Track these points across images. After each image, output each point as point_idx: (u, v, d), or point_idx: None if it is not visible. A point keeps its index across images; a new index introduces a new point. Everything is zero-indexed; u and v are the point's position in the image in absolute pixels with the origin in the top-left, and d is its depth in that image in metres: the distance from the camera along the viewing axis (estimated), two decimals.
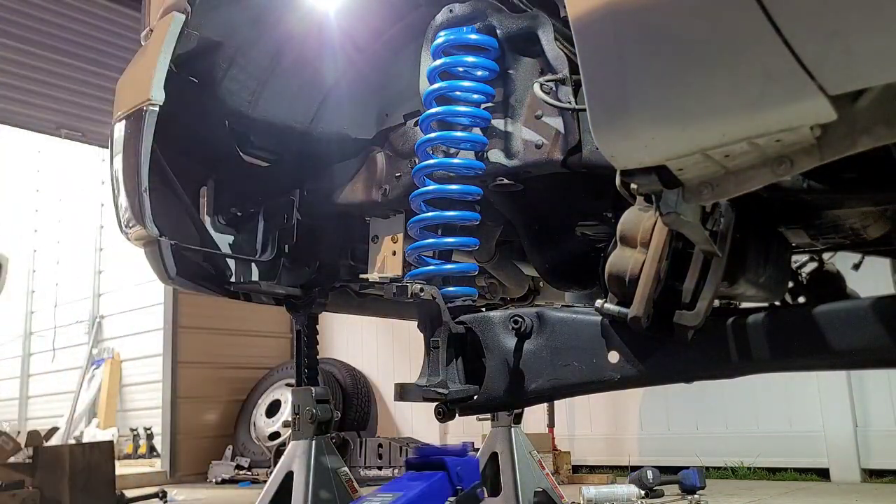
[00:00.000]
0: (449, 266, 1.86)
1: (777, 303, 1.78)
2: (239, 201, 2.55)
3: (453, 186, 1.87)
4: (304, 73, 2.30)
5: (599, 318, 1.57)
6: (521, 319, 1.67)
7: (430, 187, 1.88)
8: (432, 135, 1.87)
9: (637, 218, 1.46)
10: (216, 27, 2.13)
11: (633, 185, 1.41)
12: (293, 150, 2.46)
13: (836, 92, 0.87)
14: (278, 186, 2.49)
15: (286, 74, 2.28)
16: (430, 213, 1.87)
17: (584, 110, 1.69)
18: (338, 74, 2.32)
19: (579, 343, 1.60)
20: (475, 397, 1.71)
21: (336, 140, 2.36)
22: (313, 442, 2.59)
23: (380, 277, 2.26)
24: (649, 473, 4.37)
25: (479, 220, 1.91)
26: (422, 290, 1.67)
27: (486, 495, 1.62)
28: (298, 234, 2.49)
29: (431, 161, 1.89)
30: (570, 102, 1.73)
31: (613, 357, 1.54)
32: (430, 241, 1.87)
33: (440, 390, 1.64)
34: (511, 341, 1.69)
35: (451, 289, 1.83)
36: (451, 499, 1.61)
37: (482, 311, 1.78)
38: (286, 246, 2.51)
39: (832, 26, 0.84)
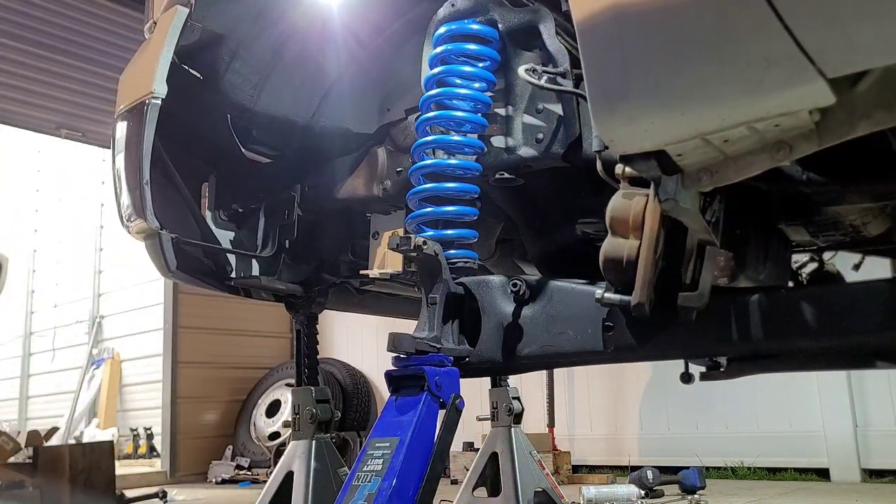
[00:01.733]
0: (451, 231, 1.87)
1: None
2: (240, 197, 2.55)
3: (453, 161, 1.88)
4: (307, 68, 2.31)
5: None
6: (520, 284, 1.68)
7: (431, 161, 1.90)
8: (431, 114, 1.88)
9: (624, 204, 1.46)
10: (219, 20, 2.13)
11: (617, 170, 1.42)
12: (294, 144, 2.47)
13: (835, 75, 0.88)
14: (279, 182, 2.49)
15: (288, 68, 2.29)
16: (428, 185, 1.89)
17: (564, 90, 1.72)
18: (340, 69, 2.32)
19: (576, 312, 1.62)
20: (468, 358, 1.72)
21: (337, 135, 2.36)
22: (313, 442, 2.59)
23: (380, 273, 2.27)
24: (649, 473, 4.37)
25: (479, 192, 1.91)
26: (425, 243, 1.68)
27: (464, 405, 1.63)
28: (299, 230, 2.49)
29: (428, 161, 1.90)
30: (559, 86, 1.73)
31: (609, 330, 1.55)
32: (431, 209, 1.88)
33: (433, 344, 1.65)
34: (509, 306, 1.70)
35: (452, 251, 1.83)
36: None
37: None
38: (287, 242, 2.51)
39: (832, 10, 0.85)
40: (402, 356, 1.65)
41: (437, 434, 1.58)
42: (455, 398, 1.61)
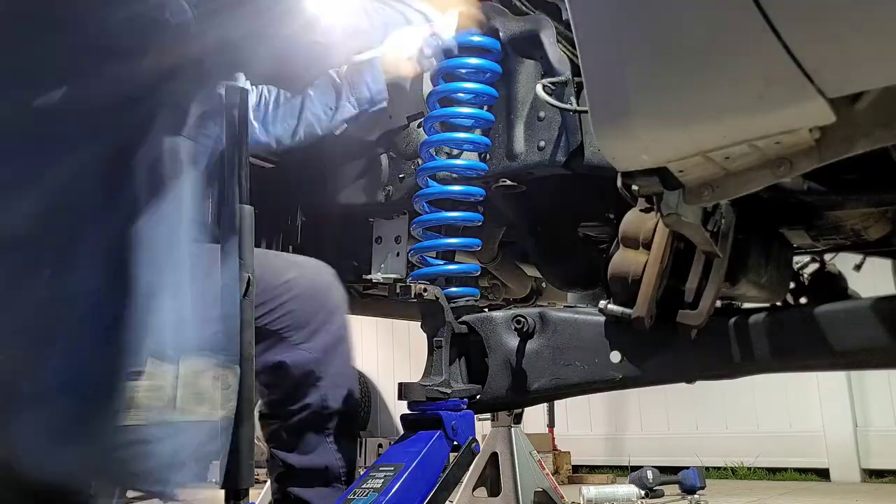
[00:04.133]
0: (452, 267, 1.88)
1: (779, 303, 1.80)
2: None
3: (456, 188, 1.89)
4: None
5: (602, 318, 1.60)
6: (523, 319, 1.69)
7: (433, 188, 1.90)
8: (435, 136, 1.89)
9: (639, 219, 1.48)
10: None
11: (634, 187, 1.44)
12: (298, 151, 2.47)
13: (834, 95, 0.89)
14: (283, 188, 2.50)
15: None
16: (431, 215, 1.89)
17: (586, 112, 1.73)
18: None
19: (581, 343, 1.63)
20: (478, 397, 1.74)
21: (340, 141, 2.37)
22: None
23: (383, 278, 2.28)
24: (649, 473, 4.39)
25: (482, 220, 1.92)
26: (425, 290, 1.69)
27: (480, 449, 1.65)
28: (302, 236, 2.50)
29: (434, 162, 1.91)
30: (571, 104, 1.75)
31: (615, 357, 1.57)
32: (434, 241, 1.89)
33: (443, 389, 1.66)
34: (513, 341, 1.71)
35: (453, 289, 1.84)
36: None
37: (485, 312, 1.80)
38: (290, 247, 2.53)
39: (830, 30, 0.86)
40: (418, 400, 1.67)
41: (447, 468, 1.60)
42: (471, 441, 1.64)
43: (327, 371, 1.78)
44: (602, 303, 1.52)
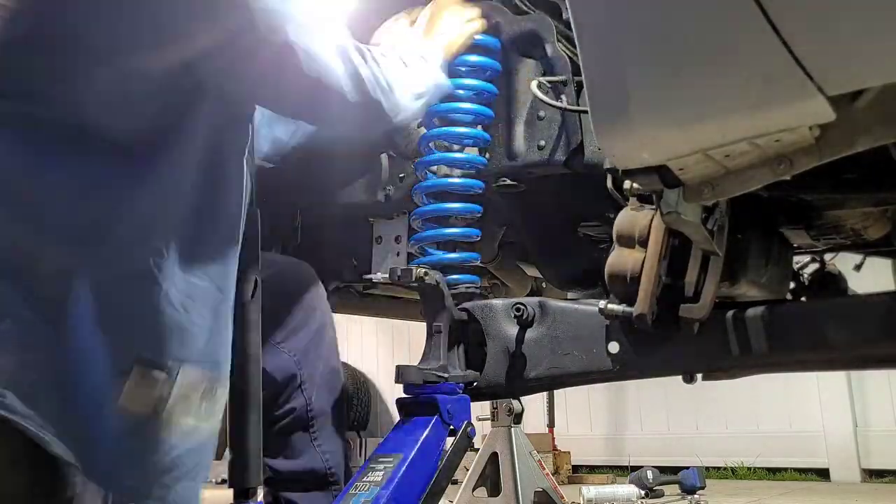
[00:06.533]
0: (452, 255, 1.89)
1: None
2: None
3: (456, 180, 1.89)
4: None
5: None
6: (523, 307, 1.70)
7: (433, 180, 1.90)
8: (435, 130, 1.89)
9: (632, 218, 1.49)
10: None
11: (626, 186, 1.45)
12: (298, 151, 2.47)
13: (834, 92, 0.89)
14: (283, 188, 2.50)
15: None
16: (431, 206, 1.89)
17: (577, 111, 1.73)
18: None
19: (580, 333, 1.64)
20: (475, 383, 1.74)
21: (341, 141, 2.37)
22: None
23: (383, 278, 2.28)
24: (649, 473, 4.39)
25: (481, 211, 1.92)
26: (426, 274, 1.69)
27: (475, 433, 1.65)
28: (303, 235, 2.50)
29: (434, 155, 1.91)
30: (566, 102, 1.75)
31: (614, 347, 1.58)
32: (433, 231, 1.90)
33: (440, 374, 1.67)
34: (513, 329, 1.72)
35: (454, 276, 1.85)
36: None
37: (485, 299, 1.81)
38: (290, 247, 2.53)
39: (830, 27, 0.86)
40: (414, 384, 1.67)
41: (444, 455, 1.60)
42: (467, 425, 1.64)
43: (310, 372, 1.75)
44: (601, 303, 1.52)
